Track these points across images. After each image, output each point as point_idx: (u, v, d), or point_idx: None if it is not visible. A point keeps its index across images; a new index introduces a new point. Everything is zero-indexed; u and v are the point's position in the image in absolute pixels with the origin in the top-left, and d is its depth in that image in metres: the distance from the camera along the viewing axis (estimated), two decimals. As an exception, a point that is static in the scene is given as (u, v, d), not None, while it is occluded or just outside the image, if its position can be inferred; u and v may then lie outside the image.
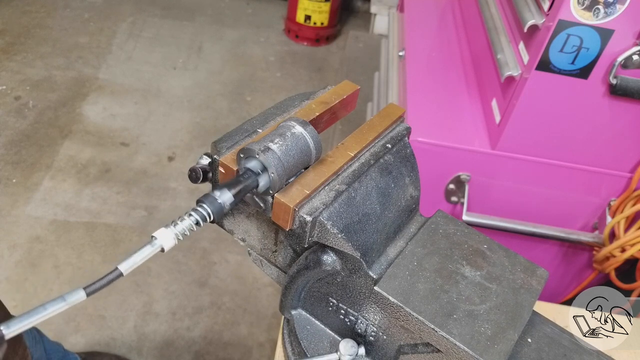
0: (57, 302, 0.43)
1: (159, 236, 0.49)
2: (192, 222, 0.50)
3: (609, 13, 0.98)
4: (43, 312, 0.42)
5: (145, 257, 0.47)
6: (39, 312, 0.42)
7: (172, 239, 0.49)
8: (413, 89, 1.39)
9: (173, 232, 0.49)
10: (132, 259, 0.46)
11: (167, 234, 0.49)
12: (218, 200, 0.52)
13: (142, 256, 0.47)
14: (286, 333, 0.78)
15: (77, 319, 1.81)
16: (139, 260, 0.47)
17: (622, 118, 1.15)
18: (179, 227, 0.50)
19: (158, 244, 0.48)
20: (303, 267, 0.66)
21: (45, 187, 2.24)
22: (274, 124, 0.68)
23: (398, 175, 0.68)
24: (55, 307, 0.43)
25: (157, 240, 0.48)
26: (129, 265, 0.46)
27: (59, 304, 0.43)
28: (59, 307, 0.43)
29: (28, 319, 0.42)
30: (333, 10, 3.34)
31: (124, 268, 0.46)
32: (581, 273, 1.48)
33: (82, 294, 0.44)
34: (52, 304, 0.43)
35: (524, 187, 1.31)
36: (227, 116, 2.77)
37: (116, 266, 0.45)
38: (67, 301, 0.43)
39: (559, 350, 0.64)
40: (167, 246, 0.49)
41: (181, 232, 0.50)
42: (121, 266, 0.46)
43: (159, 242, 0.48)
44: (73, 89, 2.77)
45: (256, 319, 1.90)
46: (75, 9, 3.39)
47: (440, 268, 0.64)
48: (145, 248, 0.48)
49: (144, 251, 0.47)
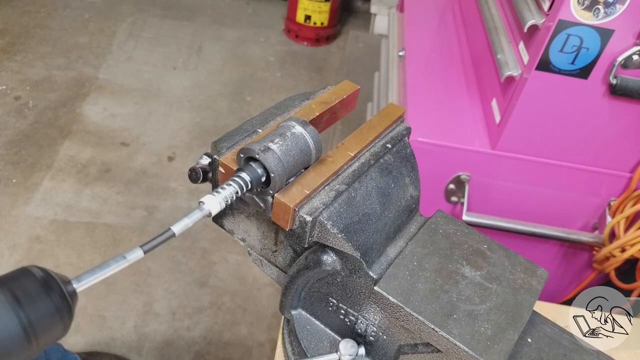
0: (118, 260, 0.46)
1: (206, 201, 0.52)
2: (235, 189, 0.54)
3: (609, 13, 0.98)
4: (107, 268, 0.46)
5: (195, 220, 0.50)
6: (103, 268, 0.45)
7: (218, 204, 0.52)
8: (413, 89, 1.39)
9: (219, 198, 0.53)
10: (184, 221, 0.50)
11: (214, 200, 0.52)
12: (257, 170, 0.55)
13: (192, 219, 0.50)
14: (286, 333, 0.78)
15: (77, 319, 1.81)
16: (190, 223, 0.50)
17: (622, 118, 1.15)
18: (223, 193, 0.53)
19: (206, 208, 0.52)
20: (303, 267, 0.66)
21: (45, 187, 2.24)
22: (274, 124, 0.68)
23: (398, 175, 0.68)
24: (117, 264, 0.46)
25: (205, 205, 0.52)
26: (180, 226, 0.49)
27: (119, 262, 0.46)
28: (120, 264, 0.46)
29: (94, 274, 0.45)
30: (333, 10, 3.34)
31: (176, 229, 0.49)
32: (581, 273, 1.48)
33: (140, 252, 0.47)
34: (114, 260, 0.46)
35: (524, 187, 1.31)
36: (227, 116, 2.77)
37: (169, 227, 0.49)
38: (127, 259, 0.46)
39: (559, 350, 0.64)
40: (214, 210, 0.52)
41: (225, 198, 0.53)
42: (174, 227, 0.49)
43: (207, 207, 0.52)
44: (73, 89, 2.77)
45: (256, 319, 1.90)
46: (75, 9, 3.39)
47: (440, 268, 0.64)
48: (195, 212, 0.51)
49: (194, 214, 0.50)
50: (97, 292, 1.89)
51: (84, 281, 0.45)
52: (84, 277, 0.45)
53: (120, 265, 0.46)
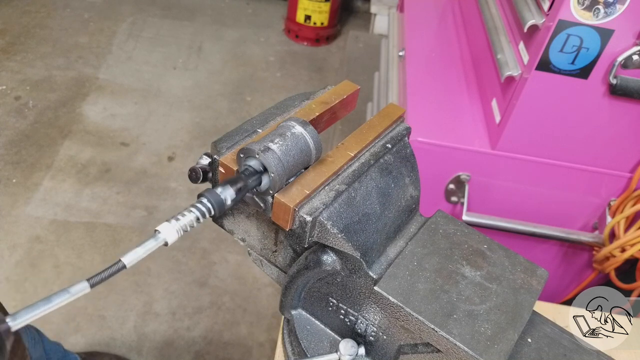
0: (61, 294, 0.43)
1: (162, 230, 0.49)
2: (194, 216, 0.51)
3: (609, 13, 0.98)
4: (48, 304, 0.42)
5: (149, 251, 0.48)
6: (45, 304, 0.42)
7: (175, 233, 0.49)
8: (413, 89, 1.39)
9: (176, 227, 0.49)
10: (136, 251, 0.47)
11: (170, 228, 0.49)
12: (220, 195, 0.52)
13: (145, 249, 0.47)
14: (286, 333, 0.78)
15: (77, 319, 1.81)
16: (143, 254, 0.47)
17: (622, 118, 1.15)
18: (182, 221, 0.50)
19: (162, 237, 0.49)
20: (303, 267, 0.66)
21: (45, 187, 2.24)
22: (274, 124, 0.68)
23: (398, 175, 0.68)
24: (60, 299, 0.43)
25: (160, 234, 0.49)
26: (132, 258, 0.46)
27: (63, 296, 0.43)
28: (64, 299, 0.43)
29: (34, 311, 0.42)
30: (333, 10, 3.34)
31: (127, 260, 0.46)
32: (581, 273, 1.48)
33: (86, 285, 0.44)
34: (57, 296, 0.43)
35: (524, 187, 1.31)
36: (227, 116, 2.77)
37: (120, 258, 0.46)
38: (71, 293, 0.43)
39: (559, 350, 0.64)
40: (170, 240, 0.49)
41: (183, 227, 0.50)
42: (124, 258, 0.46)
43: (163, 236, 0.49)
44: (73, 89, 2.77)
45: (256, 319, 1.90)
46: (75, 9, 3.39)
47: (440, 268, 0.64)
48: (149, 242, 0.48)
49: (147, 244, 0.48)
50: (97, 292, 1.89)
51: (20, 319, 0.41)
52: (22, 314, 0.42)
53: (64, 300, 0.43)
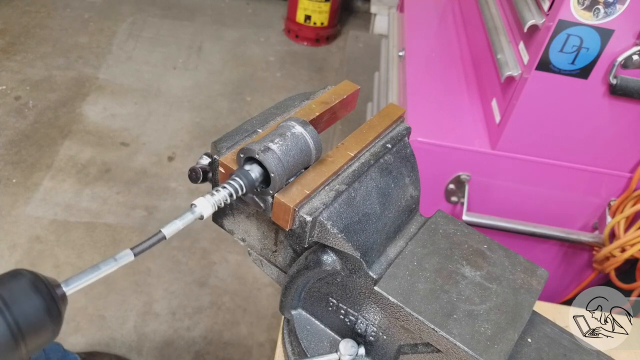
0: (109, 262, 0.46)
1: (198, 204, 0.52)
2: (228, 192, 0.54)
3: (609, 13, 0.98)
4: (97, 271, 0.45)
5: (186, 223, 0.50)
6: (94, 271, 0.45)
7: (210, 207, 0.52)
8: (413, 89, 1.39)
9: (211, 201, 0.53)
10: (175, 223, 0.49)
11: (206, 203, 0.52)
12: (250, 173, 0.55)
13: (183, 222, 0.50)
14: (286, 333, 0.78)
15: (77, 319, 1.81)
16: (181, 225, 0.50)
17: (622, 118, 1.15)
18: (216, 196, 0.53)
19: (198, 211, 0.51)
20: (303, 267, 0.66)
21: (45, 187, 2.24)
22: (274, 124, 0.68)
23: (398, 175, 0.68)
24: (108, 266, 0.46)
25: (197, 207, 0.52)
26: (171, 229, 0.49)
27: (110, 264, 0.46)
28: (110, 266, 0.46)
29: (84, 277, 0.45)
30: (333, 10, 3.34)
31: (167, 232, 0.49)
32: (581, 273, 1.48)
33: (130, 254, 0.47)
34: (105, 263, 0.46)
35: (524, 187, 1.31)
36: (227, 116, 2.77)
37: (160, 229, 0.49)
38: (117, 261, 0.46)
39: (559, 350, 0.64)
40: (206, 213, 0.52)
41: (218, 202, 0.53)
42: (164, 229, 0.49)
43: (199, 210, 0.52)
44: (73, 89, 2.77)
45: (256, 319, 1.90)
46: (75, 9, 3.39)
47: (440, 268, 0.64)
48: (186, 214, 0.51)
49: (185, 217, 0.50)
50: (97, 292, 1.89)
51: (73, 284, 0.44)
52: (73, 280, 0.44)
53: (111, 267, 0.46)
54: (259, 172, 0.56)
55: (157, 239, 0.48)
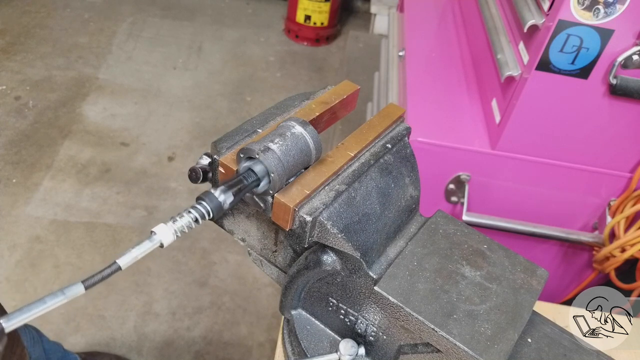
0: (56, 296, 0.43)
1: (158, 231, 0.49)
2: (191, 219, 0.51)
3: (609, 13, 0.98)
4: (42, 306, 0.42)
5: (144, 252, 0.47)
6: (39, 306, 0.42)
7: (172, 235, 0.49)
8: (413, 89, 1.39)
9: (172, 228, 0.49)
10: (131, 253, 0.47)
11: (167, 230, 0.49)
12: (218, 198, 0.52)
13: (141, 251, 0.47)
14: (286, 333, 0.78)
15: (77, 319, 1.81)
16: (138, 255, 0.47)
17: (622, 118, 1.15)
18: (178, 223, 0.50)
19: (157, 239, 0.48)
20: (303, 267, 0.66)
21: (45, 187, 2.24)
22: (274, 124, 0.68)
23: (398, 175, 0.68)
24: (55, 300, 0.43)
25: (156, 235, 0.49)
26: (127, 259, 0.46)
27: (57, 298, 0.43)
28: (58, 300, 0.43)
29: (28, 312, 0.42)
30: (333, 10, 3.34)
31: (122, 262, 0.46)
32: (581, 273, 1.48)
33: (81, 287, 0.44)
34: (51, 297, 0.43)
35: (524, 187, 1.31)
36: (227, 116, 2.77)
37: (115, 260, 0.46)
38: (66, 295, 0.43)
39: (559, 350, 0.64)
40: (166, 242, 0.49)
41: (180, 229, 0.50)
42: (120, 260, 0.46)
43: (158, 238, 0.48)
44: (73, 89, 2.77)
45: (256, 319, 1.90)
46: (75, 9, 3.39)
47: (440, 268, 0.64)
48: (145, 243, 0.48)
49: (143, 246, 0.47)
50: (97, 292, 1.89)
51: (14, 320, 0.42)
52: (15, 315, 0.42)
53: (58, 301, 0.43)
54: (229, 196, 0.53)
55: (111, 271, 0.45)
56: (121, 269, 0.46)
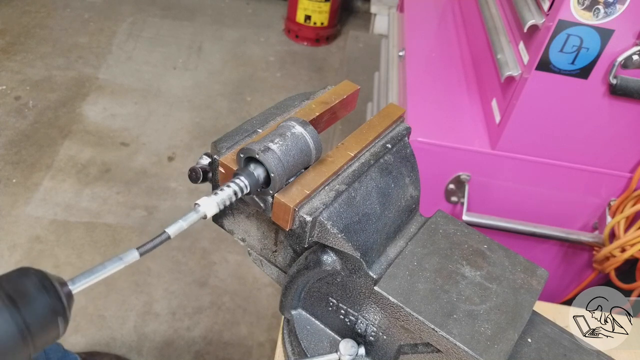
0: (114, 261, 0.46)
1: (202, 203, 0.52)
2: (232, 191, 0.54)
3: (609, 13, 0.98)
4: (102, 270, 0.46)
5: (190, 222, 0.50)
6: (99, 270, 0.45)
7: (215, 207, 0.52)
8: (413, 89, 1.39)
9: (215, 200, 0.52)
10: (179, 223, 0.49)
11: (210, 202, 0.52)
12: (254, 172, 0.55)
13: (187, 221, 0.50)
14: (286, 333, 0.78)
15: (77, 319, 1.81)
16: (185, 225, 0.50)
17: (622, 118, 1.15)
18: (220, 195, 0.53)
19: (202, 210, 0.51)
20: (303, 267, 0.66)
21: (45, 187, 2.24)
22: (274, 124, 0.68)
23: (398, 175, 0.68)
24: (113, 265, 0.46)
25: (200, 207, 0.52)
26: (175, 229, 0.49)
27: (116, 263, 0.46)
28: (116, 265, 0.46)
29: (90, 275, 0.45)
30: (333, 10, 3.34)
31: (171, 231, 0.49)
32: (581, 273, 1.48)
33: (136, 253, 0.47)
34: (110, 262, 0.46)
35: (524, 187, 1.31)
36: (227, 116, 2.77)
37: (164, 229, 0.49)
38: (123, 260, 0.46)
39: (559, 350, 0.64)
40: (209, 213, 0.52)
41: (222, 201, 0.53)
42: (169, 229, 0.49)
43: (203, 209, 0.52)
44: (73, 89, 2.77)
45: (256, 319, 1.90)
46: (75, 9, 3.39)
47: (440, 268, 0.64)
48: (190, 214, 0.51)
49: (189, 217, 0.50)
50: (97, 292, 1.89)
51: (79, 282, 0.45)
52: (80, 278, 0.45)
53: (117, 266, 0.46)
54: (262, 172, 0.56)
55: (161, 239, 0.48)
56: (170, 238, 0.49)
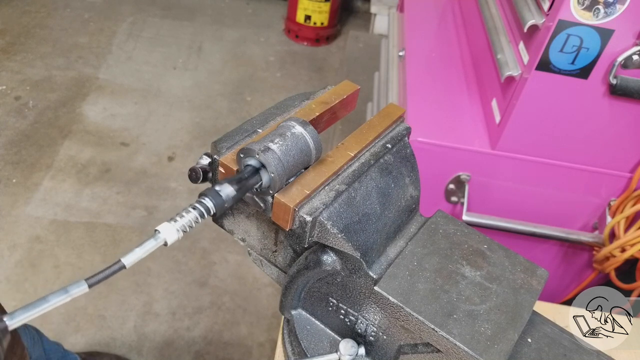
0: (59, 294, 0.43)
1: (162, 230, 0.48)
2: (194, 216, 0.50)
3: (609, 13, 0.98)
4: (45, 304, 0.42)
5: (148, 251, 0.47)
6: (42, 304, 0.42)
7: (175, 233, 0.49)
8: (413, 89, 1.39)
9: (176, 226, 0.49)
10: (136, 252, 0.46)
11: (170, 228, 0.49)
12: (220, 194, 0.52)
13: (145, 249, 0.47)
14: (286, 333, 0.78)
15: (77, 319, 1.81)
16: (142, 254, 0.47)
17: (622, 118, 1.15)
18: (181, 221, 0.49)
19: (161, 237, 0.48)
20: (303, 267, 0.66)
21: (45, 187, 2.24)
22: (274, 124, 0.68)
23: (398, 175, 0.68)
24: (58, 298, 0.43)
25: (160, 234, 0.48)
26: (132, 258, 0.46)
27: (61, 296, 0.43)
28: (61, 298, 0.43)
29: (31, 310, 0.42)
30: (333, 10, 3.34)
31: (127, 261, 0.46)
32: (581, 273, 1.48)
33: (84, 285, 0.44)
34: (55, 295, 0.43)
35: (524, 187, 1.31)
36: (227, 116, 2.77)
37: (119, 259, 0.45)
38: (69, 293, 0.43)
39: (559, 350, 0.64)
40: (170, 240, 0.48)
41: (183, 227, 0.49)
42: (124, 259, 0.46)
43: (162, 236, 0.48)
44: (73, 89, 2.77)
45: (256, 319, 1.90)
46: (75, 9, 3.39)
47: (440, 268, 0.64)
48: (149, 242, 0.47)
49: (147, 245, 0.47)
50: (97, 292, 1.89)
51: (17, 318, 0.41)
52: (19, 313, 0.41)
53: (61, 300, 0.43)
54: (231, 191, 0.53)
55: (116, 268, 0.45)
56: (125, 268, 0.46)
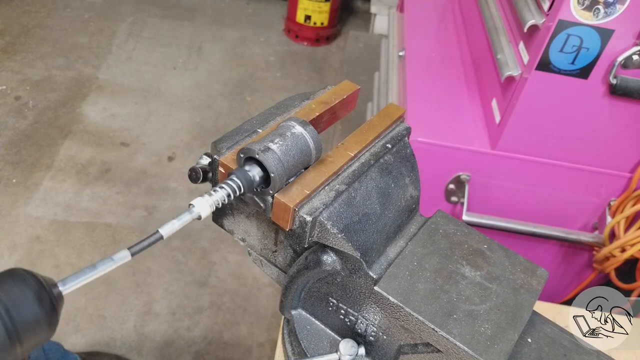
0: (106, 262, 0.46)
1: (196, 204, 0.52)
2: (226, 193, 0.53)
3: (609, 13, 0.98)
4: (94, 271, 0.45)
5: (184, 223, 0.50)
6: (91, 271, 0.45)
7: (208, 208, 0.52)
8: (413, 89, 1.39)
9: (209, 202, 0.52)
10: (172, 223, 0.49)
11: (204, 203, 0.52)
12: (249, 172, 0.55)
13: (181, 222, 0.50)
14: (286, 333, 0.78)
15: (77, 319, 1.81)
16: (178, 226, 0.50)
17: (622, 118, 1.15)
18: (214, 197, 0.53)
19: (196, 211, 0.51)
20: (303, 267, 0.66)
21: (45, 187, 2.24)
22: (274, 124, 0.68)
23: (398, 175, 0.68)
24: (105, 266, 0.46)
25: (195, 208, 0.51)
26: (169, 229, 0.49)
27: (107, 264, 0.46)
28: (108, 266, 0.46)
29: (81, 276, 0.45)
30: (333, 10, 3.34)
31: (164, 232, 0.49)
32: (581, 273, 1.48)
33: (127, 253, 0.47)
34: (102, 263, 0.46)
35: (524, 187, 1.31)
36: (227, 116, 2.77)
37: (157, 229, 0.48)
38: (114, 260, 0.46)
39: (559, 350, 0.64)
40: (204, 214, 0.52)
41: (216, 202, 0.53)
42: (162, 229, 0.49)
43: (197, 210, 0.51)
44: (73, 89, 2.77)
45: (256, 319, 1.90)
46: (75, 9, 3.39)
47: (440, 268, 0.64)
48: (184, 214, 0.51)
49: (183, 217, 0.50)
50: (97, 292, 1.89)
51: (70, 284, 0.44)
52: (70, 279, 0.44)
53: (108, 267, 0.46)
54: (259, 172, 0.56)
55: (154, 239, 0.48)
56: (163, 238, 0.48)
